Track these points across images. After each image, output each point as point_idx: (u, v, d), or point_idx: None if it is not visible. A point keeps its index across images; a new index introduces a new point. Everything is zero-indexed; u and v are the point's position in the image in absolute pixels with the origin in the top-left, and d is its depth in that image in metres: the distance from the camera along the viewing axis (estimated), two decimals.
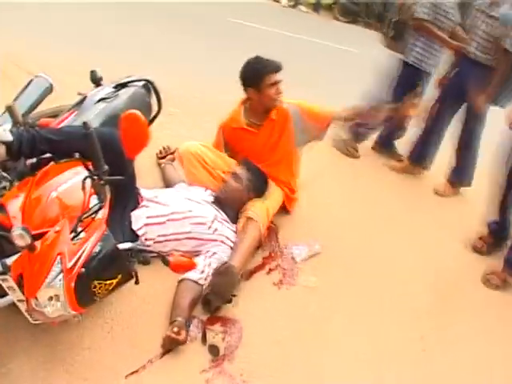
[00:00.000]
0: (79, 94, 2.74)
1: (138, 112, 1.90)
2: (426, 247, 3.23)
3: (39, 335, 2.07)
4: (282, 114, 2.86)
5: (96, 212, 1.87)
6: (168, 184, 3.03)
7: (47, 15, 5.56)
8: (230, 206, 2.73)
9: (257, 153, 2.93)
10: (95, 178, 1.82)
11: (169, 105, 3.04)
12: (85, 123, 1.78)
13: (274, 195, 2.91)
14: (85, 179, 1.84)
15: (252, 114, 2.93)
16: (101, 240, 1.79)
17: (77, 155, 2.02)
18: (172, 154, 3.24)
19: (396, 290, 2.82)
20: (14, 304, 1.79)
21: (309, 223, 3.10)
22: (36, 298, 1.74)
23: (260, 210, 2.74)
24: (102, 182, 1.82)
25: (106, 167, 1.80)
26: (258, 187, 2.84)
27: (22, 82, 2.65)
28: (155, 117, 2.78)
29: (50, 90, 2.61)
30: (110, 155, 1.83)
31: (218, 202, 2.71)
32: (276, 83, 2.76)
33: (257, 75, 2.75)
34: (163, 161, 3.20)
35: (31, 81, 2.61)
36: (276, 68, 2.76)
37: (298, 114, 2.84)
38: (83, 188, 1.85)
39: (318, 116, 2.85)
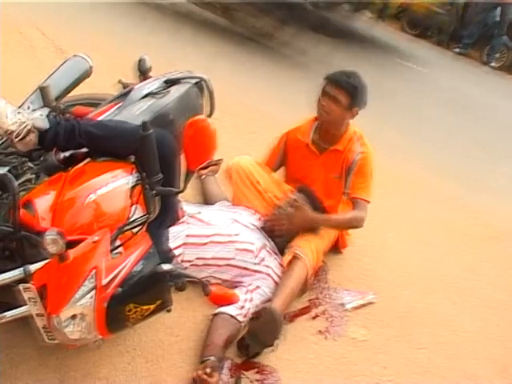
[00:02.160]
0: (121, 83, 2.71)
1: (207, 119, 1.91)
2: (492, 315, 3.16)
3: (48, 357, 2.05)
4: (349, 151, 2.89)
5: (141, 225, 1.86)
6: (207, 200, 3.04)
7: None
8: (280, 236, 2.72)
9: (313, 180, 2.96)
10: (147, 186, 1.80)
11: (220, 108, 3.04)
12: (144, 123, 1.77)
13: (328, 232, 2.92)
14: (134, 186, 1.83)
15: (321, 132, 2.96)
16: (144, 258, 1.77)
17: (132, 158, 2.01)
18: (215, 165, 3.26)
19: (454, 360, 2.75)
20: (20, 318, 1.76)
21: (364, 265, 3.11)
22: (59, 315, 1.70)
23: (309, 248, 2.72)
24: (153, 191, 1.81)
25: (161, 176, 1.80)
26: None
27: (50, 59, 2.61)
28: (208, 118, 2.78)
29: (89, 73, 2.57)
30: (164, 163, 1.83)
31: (268, 229, 2.71)
32: (326, 94, 2.78)
33: (324, 78, 2.83)
34: (204, 171, 3.22)
35: (67, 60, 2.58)
36: (336, 81, 2.78)
37: (356, 162, 2.89)
38: (131, 196, 1.84)
39: (357, 179, 2.89)
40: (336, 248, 3.07)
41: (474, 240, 3.96)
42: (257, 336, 2.28)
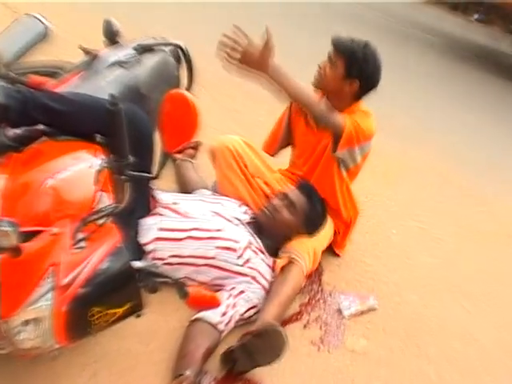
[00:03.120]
0: (83, 49, 2.68)
1: (188, 94, 1.89)
2: (511, 324, 3.22)
3: None
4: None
5: (108, 216, 1.82)
6: (183, 188, 3.01)
7: None
8: (271, 236, 2.72)
9: (308, 158, 2.98)
10: (115, 170, 1.76)
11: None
12: (112, 96, 1.73)
13: (326, 231, 2.92)
14: (100, 170, 1.79)
15: (330, 101, 2.89)
16: (111, 254, 1.75)
17: (97, 138, 2.00)
18: (194, 148, 3.22)
19: (467, 376, 2.75)
20: None
21: (364, 265, 3.13)
22: (7, 321, 1.67)
23: (306, 251, 2.73)
24: (122, 177, 1.77)
25: (131, 159, 1.76)
26: (314, 224, 2.82)
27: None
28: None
29: (44, 35, 2.49)
30: (135, 144, 1.78)
31: (257, 226, 2.70)
32: (327, 57, 2.80)
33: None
34: (179, 156, 3.17)
35: (19, 19, 2.51)
36: (336, 43, 2.78)
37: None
38: (97, 181, 1.80)
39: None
40: (332, 249, 3.11)
41: (489, 237, 4.02)
42: (252, 354, 2.23)
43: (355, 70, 2.76)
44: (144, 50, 2.67)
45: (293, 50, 4.88)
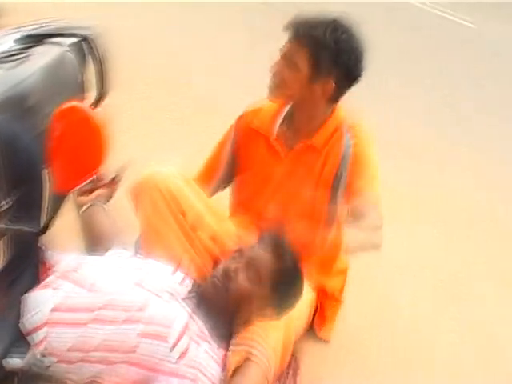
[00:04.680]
0: None
1: (87, 107, 1.94)
2: None
3: None
4: (332, 149, 2.94)
5: None
6: (91, 246, 2.95)
7: None
8: (221, 316, 2.63)
9: (275, 196, 3.03)
10: None
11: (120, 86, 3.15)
12: None
13: (302, 306, 2.84)
14: None
15: (292, 120, 3.00)
16: None
17: None
18: (110, 185, 3.11)
19: None
20: None
21: (361, 356, 3.19)
22: None
23: (273, 343, 2.65)
24: None
25: (10, 203, 1.83)
26: (285, 295, 2.73)
27: None
28: (94, 106, 2.82)
29: None
30: (15, 181, 1.86)
31: (199, 301, 2.61)
32: (281, 53, 2.82)
33: None
34: (86, 199, 3.06)
35: None
36: (294, 31, 2.79)
37: (347, 161, 2.96)
38: None
39: (357, 178, 2.94)
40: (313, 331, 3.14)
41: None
42: None
43: (326, 65, 2.76)
44: (32, 42, 2.65)
45: None
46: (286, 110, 3.01)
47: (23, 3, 4.69)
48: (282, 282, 2.66)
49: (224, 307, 2.61)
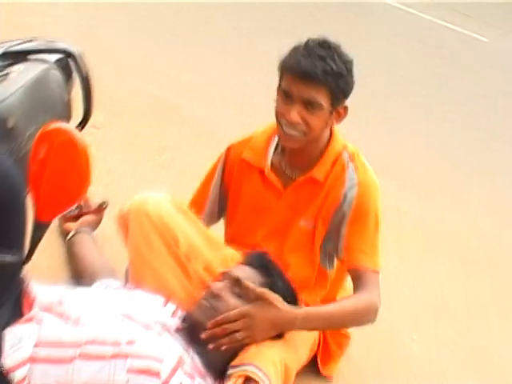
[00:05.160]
0: None
1: (73, 130, 1.92)
2: None
3: None
4: (335, 183, 2.89)
5: None
6: (77, 277, 2.92)
7: None
8: (217, 348, 2.57)
9: (270, 233, 2.97)
10: None
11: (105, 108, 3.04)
12: None
13: (303, 336, 2.84)
14: None
15: (288, 152, 2.94)
16: None
17: None
18: (97, 211, 3.18)
19: None
20: None
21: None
22: None
23: (272, 362, 2.61)
24: None
25: None
26: None
27: None
28: (80, 127, 2.74)
29: None
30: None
31: (192, 331, 2.57)
32: (292, 97, 2.74)
33: (281, 64, 2.84)
34: (72, 226, 3.12)
35: None
36: (308, 73, 2.71)
37: (350, 202, 2.89)
38: None
39: (356, 238, 2.90)
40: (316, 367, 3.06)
41: None
42: None
43: (343, 91, 2.76)
44: (14, 59, 2.61)
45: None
46: (276, 139, 2.99)
47: None
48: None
49: (215, 338, 2.59)
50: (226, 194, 3.07)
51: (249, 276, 2.66)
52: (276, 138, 2.97)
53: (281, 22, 8.87)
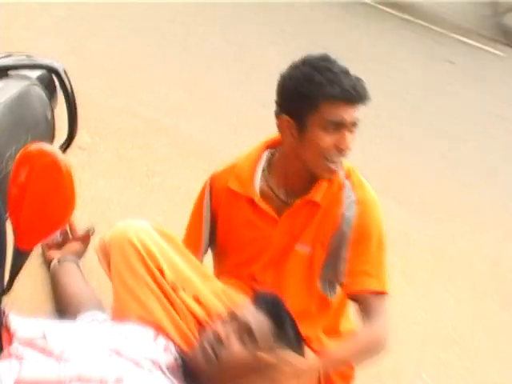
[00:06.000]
0: None
1: (56, 151, 1.91)
2: None
3: None
4: (333, 203, 2.89)
5: None
6: (61, 308, 2.92)
7: None
8: None
9: (270, 260, 2.96)
10: None
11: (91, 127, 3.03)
12: None
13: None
14: None
15: (279, 176, 2.94)
16: None
17: None
18: (83, 238, 3.19)
19: None
20: None
21: None
22: None
23: None
24: None
25: None
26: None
27: None
28: (64, 147, 2.76)
29: None
30: None
31: (187, 372, 2.57)
32: (345, 125, 2.72)
33: (309, 93, 2.73)
34: (55, 254, 3.13)
35: None
36: (351, 93, 2.69)
37: (349, 223, 2.89)
38: None
39: (359, 260, 2.90)
40: None
41: None
42: None
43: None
44: None
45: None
46: (263, 163, 2.99)
47: None
48: (282, 346, 2.64)
49: (216, 379, 2.59)
50: (213, 226, 3.07)
51: (261, 325, 2.64)
52: (262, 164, 2.98)
53: (275, 35, 9.00)
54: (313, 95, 2.70)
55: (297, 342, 2.72)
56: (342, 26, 10.66)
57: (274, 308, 2.69)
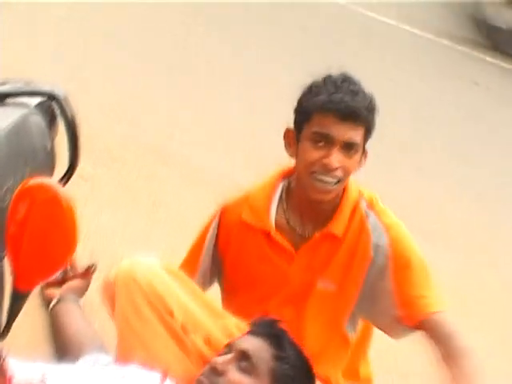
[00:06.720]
0: None
1: (56, 185, 1.95)
2: None
3: None
4: (357, 237, 2.90)
5: None
6: (63, 350, 2.92)
7: None
8: None
9: (288, 298, 2.99)
10: None
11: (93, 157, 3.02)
12: None
13: None
14: None
15: (295, 206, 2.97)
16: None
17: None
18: (84, 276, 3.16)
19: None
20: None
21: None
22: None
23: None
24: None
25: None
26: None
27: None
28: (65, 179, 2.76)
29: None
30: None
31: None
32: (333, 141, 2.76)
33: (305, 103, 2.86)
34: (55, 293, 3.09)
35: None
36: (349, 111, 2.74)
37: (383, 252, 2.92)
38: None
39: (409, 286, 2.92)
40: None
41: None
42: None
43: (371, 132, 2.84)
44: None
45: None
46: (278, 193, 3.01)
47: None
48: (284, 373, 2.64)
49: None
50: (221, 259, 3.07)
51: (257, 348, 2.62)
52: (277, 195, 3.01)
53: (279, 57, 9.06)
54: (307, 105, 2.82)
55: (302, 365, 2.72)
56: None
57: (271, 331, 2.71)
